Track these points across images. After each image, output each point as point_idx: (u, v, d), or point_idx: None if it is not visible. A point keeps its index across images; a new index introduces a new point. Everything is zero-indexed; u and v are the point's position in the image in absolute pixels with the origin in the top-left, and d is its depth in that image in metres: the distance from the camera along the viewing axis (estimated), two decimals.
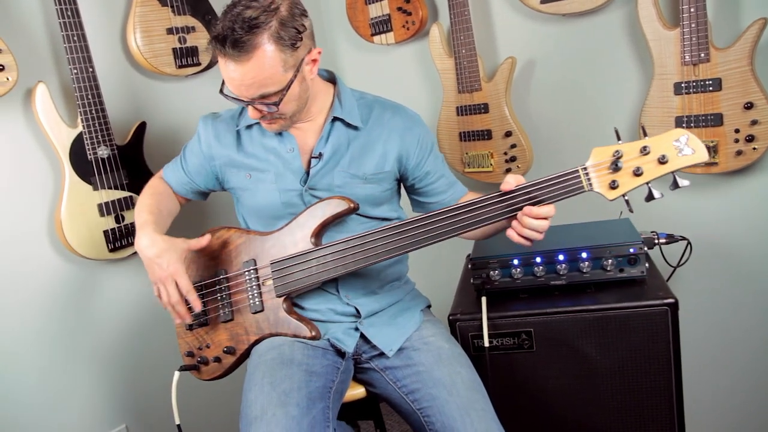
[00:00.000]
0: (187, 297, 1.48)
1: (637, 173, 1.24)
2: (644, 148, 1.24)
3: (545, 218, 1.31)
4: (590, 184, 1.28)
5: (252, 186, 1.57)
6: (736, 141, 1.78)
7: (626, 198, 1.28)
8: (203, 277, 1.61)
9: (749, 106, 1.73)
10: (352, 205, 1.48)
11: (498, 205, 1.34)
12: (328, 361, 1.49)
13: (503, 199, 1.33)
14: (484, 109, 2.17)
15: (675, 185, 1.24)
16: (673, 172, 1.24)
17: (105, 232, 1.88)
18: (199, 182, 1.67)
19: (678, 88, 1.82)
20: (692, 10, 1.73)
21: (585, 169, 1.29)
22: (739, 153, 1.78)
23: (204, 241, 1.55)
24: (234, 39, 1.31)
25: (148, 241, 1.47)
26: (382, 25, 2.33)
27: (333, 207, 1.49)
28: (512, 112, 2.14)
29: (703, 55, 1.76)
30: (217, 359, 1.58)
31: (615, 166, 1.25)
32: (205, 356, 1.59)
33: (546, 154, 2.20)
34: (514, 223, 1.33)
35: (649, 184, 1.26)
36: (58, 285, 1.88)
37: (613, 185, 1.26)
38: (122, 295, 2.02)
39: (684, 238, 1.82)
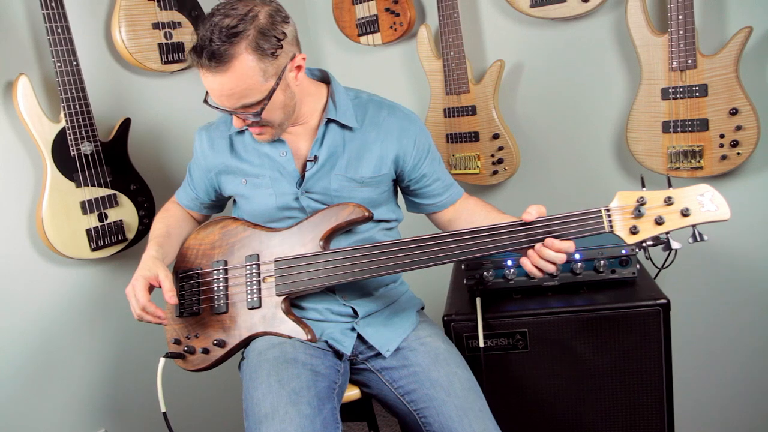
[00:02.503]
0: (141, 316, 1.44)
1: (659, 222, 1.26)
2: (668, 198, 1.26)
3: (565, 254, 1.31)
4: (611, 226, 1.29)
5: (248, 192, 1.55)
6: (721, 146, 1.82)
7: (644, 245, 1.29)
8: (201, 265, 1.58)
9: (734, 112, 1.78)
10: (367, 214, 1.47)
11: (516, 234, 1.34)
12: (329, 362, 1.48)
13: (523, 229, 1.33)
14: (471, 111, 2.18)
15: (695, 238, 1.26)
16: (693, 226, 1.26)
17: (87, 231, 1.83)
18: (203, 196, 1.67)
19: (665, 93, 1.85)
20: (680, 17, 1.77)
21: (608, 210, 1.30)
22: (723, 158, 1.82)
23: (167, 297, 1.44)
24: (211, 50, 1.28)
25: (144, 256, 1.49)
26: (369, 26, 2.32)
27: (348, 213, 1.48)
28: (500, 115, 2.16)
29: (690, 61, 1.79)
30: (205, 350, 1.54)
31: (638, 212, 1.27)
32: (192, 345, 1.55)
33: (533, 157, 2.22)
34: (531, 252, 1.33)
35: (668, 234, 1.28)
36: (38, 284, 1.82)
37: (634, 230, 1.27)
38: (104, 296, 1.96)
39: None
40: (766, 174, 1.89)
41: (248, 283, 1.51)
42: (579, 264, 1.66)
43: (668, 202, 1.26)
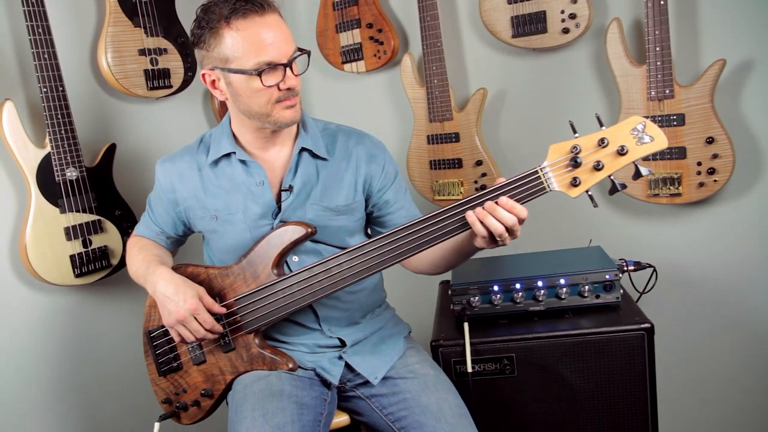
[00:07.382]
0: (212, 331, 1.43)
1: (598, 168, 1.20)
2: (602, 140, 1.19)
3: (516, 216, 1.24)
4: (550, 184, 1.24)
5: (220, 227, 1.53)
6: (699, 173, 1.87)
7: (590, 194, 1.24)
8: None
9: (710, 140, 1.83)
10: (309, 230, 1.44)
11: (457, 218, 1.29)
12: (315, 392, 1.47)
13: (462, 210, 1.29)
14: (455, 138, 2.21)
15: (637, 174, 1.21)
16: (634, 162, 1.21)
17: (72, 257, 1.81)
18: (169, 230, 1.63)
19: None
20: (657, 48, 1.83)
21: (544, 168, 1.24)
22: (701, 185, 1.88)
23: (217, 308, 1.45)
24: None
25: (163, 281, 1.45)
26: (353, 54, 2.35)
27: (290, 234, 1.45)
28: (483, 142, 2.19)
29: (667, 91, 1.85)
30: (196, 403, 1.53)
31: (574, 162, 1.21)
32: (183, 401, 1.54)
33: None
34: (479, 209, 1.25)
35: (611, 177, 1.23)
36: (20, 312, 1.79)
37: (575, 183, 1.22)
38: (89, 322, 1.93)
39: (650, 266, 1.89)
40: (742, 200, 1.95)
41: None
42: (564, 289, 1.68)
43: (602, 144, 1.19)
